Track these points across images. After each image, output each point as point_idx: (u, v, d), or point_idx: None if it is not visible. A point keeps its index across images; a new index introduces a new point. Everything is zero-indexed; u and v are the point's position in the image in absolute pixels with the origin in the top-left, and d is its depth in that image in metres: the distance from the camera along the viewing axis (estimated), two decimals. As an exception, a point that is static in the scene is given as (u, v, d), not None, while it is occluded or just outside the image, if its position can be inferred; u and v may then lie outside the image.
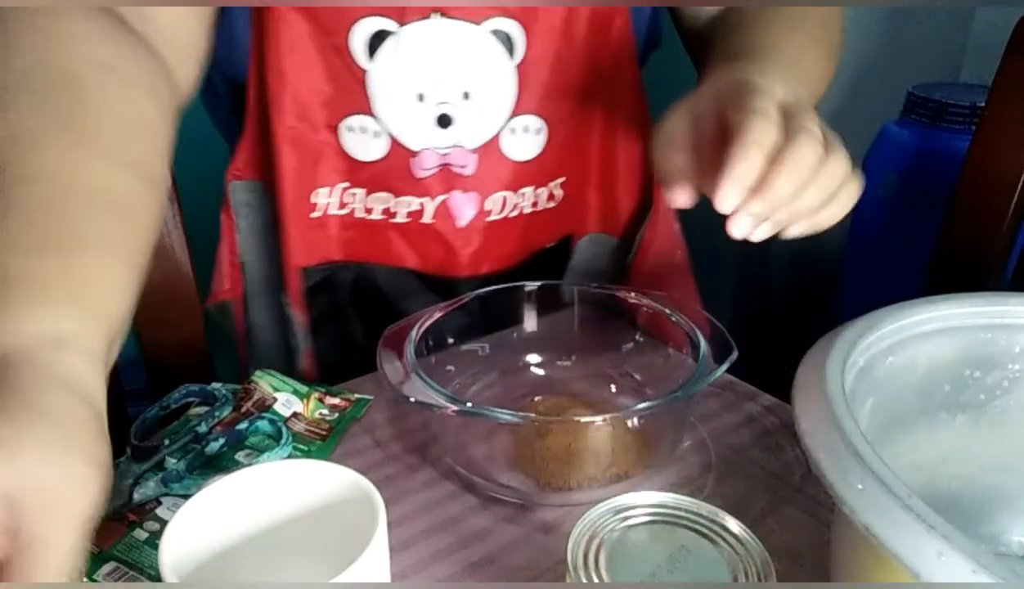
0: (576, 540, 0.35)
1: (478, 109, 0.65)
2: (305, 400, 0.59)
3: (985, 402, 0.46)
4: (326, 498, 0.39)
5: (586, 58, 0.66)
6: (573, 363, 0.65)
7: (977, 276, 0.81)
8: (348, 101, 0.63)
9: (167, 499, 0.49)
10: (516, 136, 0.67)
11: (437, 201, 0.67)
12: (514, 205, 0.70)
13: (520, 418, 0.50)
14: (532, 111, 0.66)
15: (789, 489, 0.53)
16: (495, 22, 0.62)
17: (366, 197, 0.68)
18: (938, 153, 1.40)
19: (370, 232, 0.70)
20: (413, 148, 0.65)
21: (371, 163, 0.66)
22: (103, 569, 0.44)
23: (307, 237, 0.68)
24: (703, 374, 0.52)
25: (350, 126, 0.64)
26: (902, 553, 0.28)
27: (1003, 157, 0.79)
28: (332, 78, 0.63)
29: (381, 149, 0.65)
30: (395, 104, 0.63)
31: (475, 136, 0.65)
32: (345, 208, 0.68)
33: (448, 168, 0.66)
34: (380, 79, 0.62)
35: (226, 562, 0.38)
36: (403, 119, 0.64)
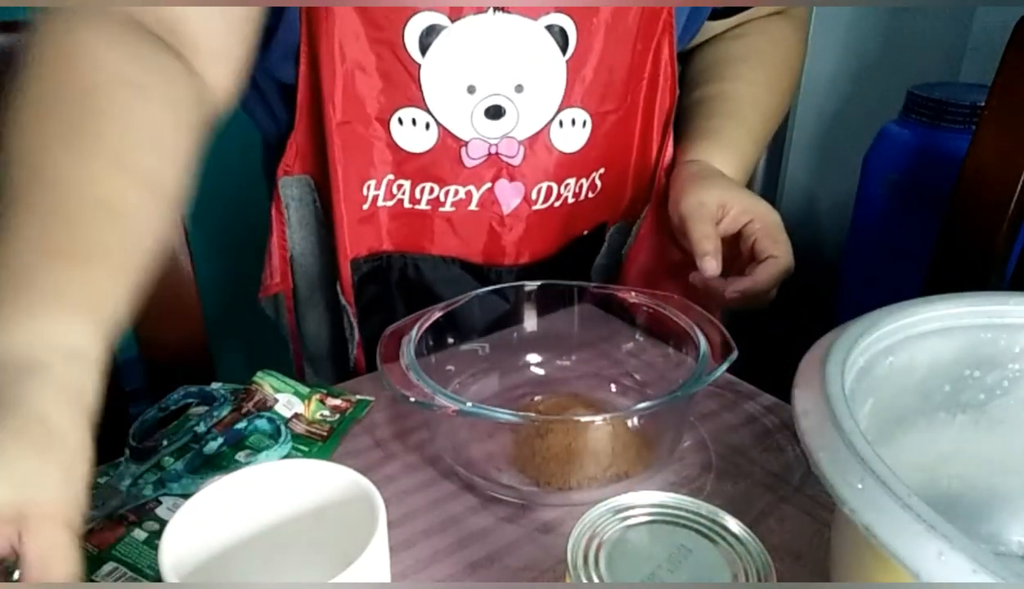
0: (576, 540, 0.35)
1: (530, 101, 0.67)
2: (306, 401, 0.59)
3: (985, 402, 0.46)
4: (326, 498, 0.39)
5: (632, 53, 0.69)
6: (573, 363, 0.65)
7: (977, 276, 0.81)
8: (400, 94, 0.65)
9: (167, 499, 0.49)
10: (563, 129, 0.69)
11: (484, 189, 0.70)
12: (558, 195, 0.72)
13: (520, 418, 0.50)
14: (579, 104, 0.69)
15: (789, 489, 0.53)
16: (550, 18, 0.64)
17: (413, 188, 0.70)
18: (938, 153, 1.40)
19: (418, 222, 0.72)
20: (463, 138, 0.67)
21: (420, 154, 0.68)
22: (103, 569, 0.44)
23: (358, 229, 0.70)
24: (703, 374, 0.52)
25: (401, 118, 0.66)
26: (902, 553, 0.28)
27: (1003, 157, 0.79)
28: (384, 73, 0.64)
29: (430, 140, 0.67)
30: (446, 96, 0.65)
31: (525, 127, 0.68)
32: (392, 199, 0.70)
33: (497, 157, 0.69)
34: (432, 72, 0.64)
35: (226, 562, 0.38)
36: (454, 110, 0.66)
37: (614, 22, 0.66)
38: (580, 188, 0.73)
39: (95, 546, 0.46)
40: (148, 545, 0.46)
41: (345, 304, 0.72)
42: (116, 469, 0.51)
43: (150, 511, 0.49)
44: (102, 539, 0.46)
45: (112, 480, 0.51)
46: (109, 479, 0.51)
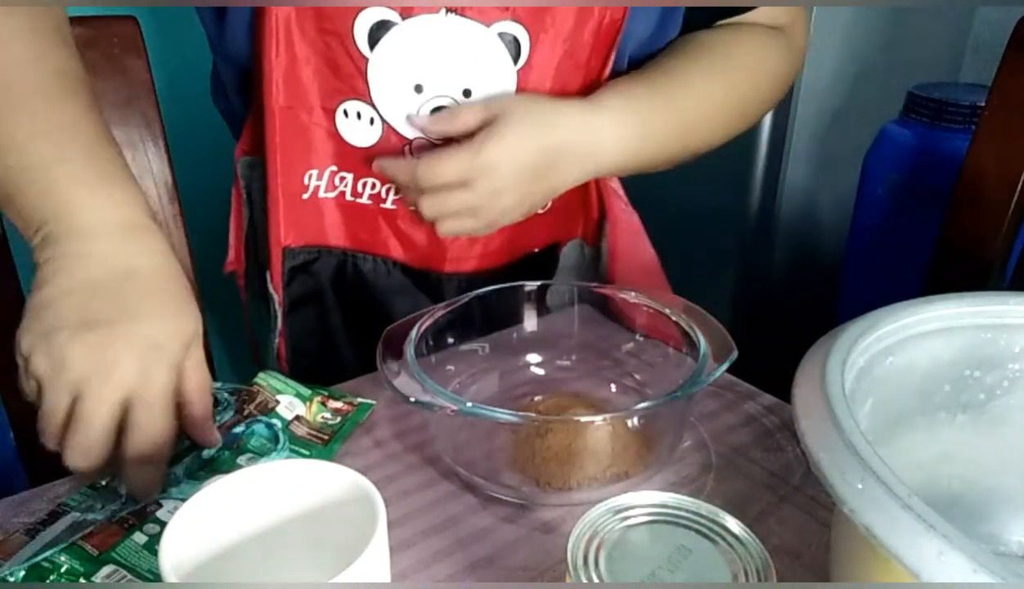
0: (576, 540, 0.35)
1: None
2: (308, 403, 0.59)
3: (985, 402, 0.46)
4: (326, 498, 0.39)
5: (587, 69, 0.67)
6: (573, 363, 0.65)
7: (977, 276, 0.81)
8: (346, 86, 0.65)
9: (167, 502, 0.49)
10: None
11: None
12: None
13: (520, 418, 0.50)
14: None
15: (789, 489, 0.53)
16: (503, 25, 0.63)
17: (355, 181, 0.69)
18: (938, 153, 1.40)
19: (360, 217, 0.71)
20: (407, 136, 0.66)
21: (363, 148, 0.67)
22: (102, 572, 0.44)
23: (296, 217, 0.69)
24: (703, 374, 0.52)
25: (346, 110, 0.66)
26: (902, 553, 0.28)
27: (1003, 157, 0.79)
28: (332, 63, 0.64)
29: (374, 135, 0.67)
30: (392, 93, 0.65)
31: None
32: (334, 191, 0.70)
33: None
34: (379, 68, 0.63)
35: (226, 562, 0.38)
36: (399, 108, 0.65)
37: (569, 35, 0.65)
38: None
39: (95, 548, 0.46)
40: (148, 549, 0.46)
41: (272, 293, 0.71)
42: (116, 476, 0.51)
43: (151, 514, 0.48)
44: (102, 541, 0.46)
45: (113, 482, 0.51)
46: (110, 482, 0.51)
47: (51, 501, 0.51)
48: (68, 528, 0.47)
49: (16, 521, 0.50)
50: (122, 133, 0.74)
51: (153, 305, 0.49)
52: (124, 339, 0.46)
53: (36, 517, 0.49)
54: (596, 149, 0.64)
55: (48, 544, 0.46)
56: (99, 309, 0.47)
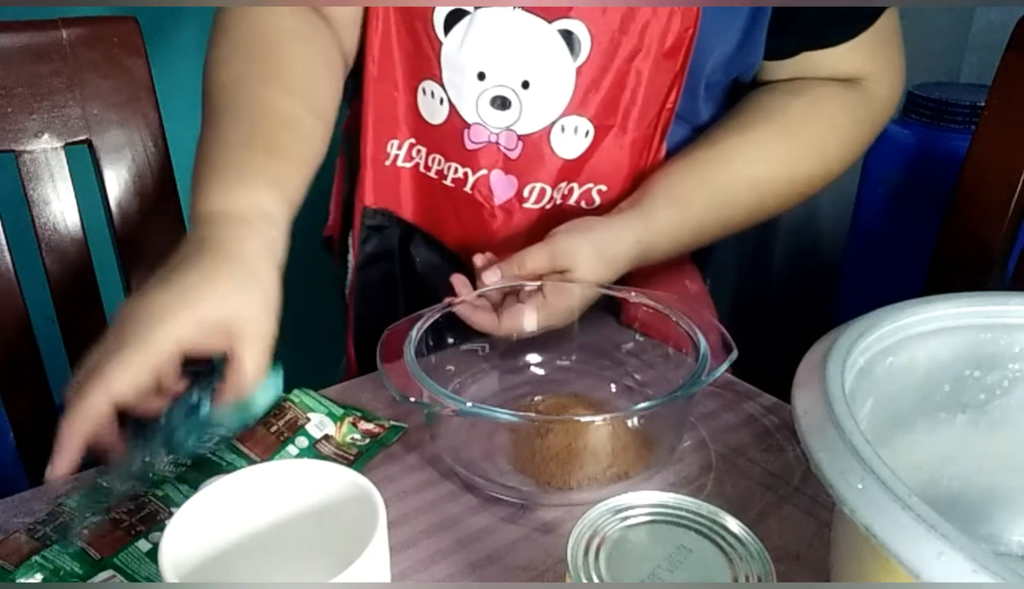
0: (576, 540, 0.35)
1: (535, 100, 0.68)
2: (339, 423, 0.58)
3: (985, 402, 0.46)
4: (326, 498, 0.39)
5: (650, 78, 0.67)
6: (573, 363, 0.65)
7: (977, 276, 0.81)
8: (424, 66, 0.70)
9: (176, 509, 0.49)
10: (565, 134, 0.69)
11: (479, 174, 0.72)
12: (550, 198, 0.72)
13: (520, 418, 0.50)
14: (585, 113, 0.68)
15: (789, 489, 0.53)
16: (565, 23, 0.65)
17: (427, 156, 0.74)
18: (938, 153, 1.40)
19: (428, 191, 0.75)
20: (468, 120, 0.70)
21: (435, 126, 0.72)
22: (99, 576, 0.44)
23: (378, 180, 0.75)
24: (703, 374, 0.52)
25: (424, 88, 0.71)
26: (902, 553, 0.28)
27: (1003, 157, 0.79)
28: (416, 43, 0.69)
29: (443, 115, 0.71)
30: (459, 77, 0.69)
31: (527, 124, 0.69)
32: (411, 162, 0.75)
33: (496, 147, 0.70)
34: (450, 52, 0.68)
35: (226, 562, 0.38)
36: (463, 92, 0.69)
37: (631, 41, 0.65)
38: (572, 194, 0.72)
39: (97, 551, 0.45)
40: (150, 557, 0.46)
41: (350, 247, 0.78)
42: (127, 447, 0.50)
43: (160, 522, 0.48)
44: (106, 544, 0.46)
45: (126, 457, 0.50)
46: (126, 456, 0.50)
47: (51, 501, 0.51)
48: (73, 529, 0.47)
49: (16, 521, 0.50)
50: (122, 133, 0.74)
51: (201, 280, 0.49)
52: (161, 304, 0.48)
53: (36, 517, 0.49)
54: (648, 257, 0.67)
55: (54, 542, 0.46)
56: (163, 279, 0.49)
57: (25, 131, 0.71)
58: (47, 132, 0.72)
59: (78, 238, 0.74)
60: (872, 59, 0.72)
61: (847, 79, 0.72)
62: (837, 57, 0.71)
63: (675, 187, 0.68)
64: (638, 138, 0.70)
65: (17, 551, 0.46)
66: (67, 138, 0.72)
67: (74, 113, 0.72)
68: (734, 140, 0.70)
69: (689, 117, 0.73)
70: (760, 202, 0.71)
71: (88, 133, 0.73)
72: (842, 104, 0.72)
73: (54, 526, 0.48)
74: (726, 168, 0.69)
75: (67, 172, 0.73)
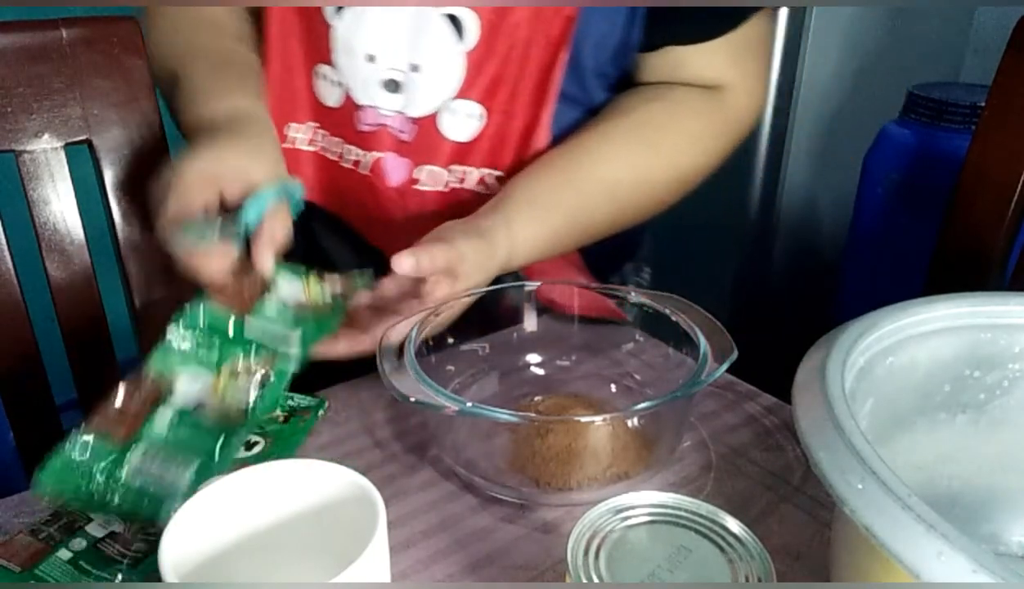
0: (576, 540, 0.35)
1: (424, 83, 0.69)
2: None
3: (985, 402, 0.46)
4: (326, 498, 0.39)
5: (530, 61, 0.68)
6: (573, 363, 0.65)
7: (977, 276, 0.81)
8: (318, 50, 0.71)
9: (97, 515, 0.48)
10: (456, 117, 0.70)
11: (374, 156, 0.72)
12: (444, 182, 0.73)
13: (520, 418, 0.50)
14: (474, 97, 0.69)
15: (789, 489, 0.53)
16: (451, 8, 0.66)
17: (328, 138, 0.75)
18: (938, 153, 1.40)
19: (330, 173, 0.76)
20: (360, 103, 0.71)
21: (332, 109, 0.73)
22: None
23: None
24: (703, 374, 0.52)
25: (318, 72, 0.72)
26: (902, 553, 0.28)
27: (1003, 157, 0.79)
28: (309, 27, 0.71)
29: (338, 97, 0.72)
30: (349, 60, 0.70)
31: (418, 107, 0.70)
32: (315, 145, 0.76)
33: (387, 130, 0.71)
34: (340, 35, 0.69)
35: (226, 562, 0.38)
36: (355, 75, 0.70)
37: (520, 24, 0.66)
38: (468, 179, 0.73)
39: (18, 564, 0.45)
40: (71, 564, 0.45)
41: None
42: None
43: (79, 528, 0.48)
44: (26, 557, 0.45)
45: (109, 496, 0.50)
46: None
47: (51, 501, 0.51)
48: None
49: (16, 521, 0.50)
50: (122, 133, 0.74)
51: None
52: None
53: (37, 517, 0.49)
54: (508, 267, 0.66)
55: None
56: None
57: (25, 131, 0.71)
58: (47, 132, 0.72)
59: (78, 238, 0.74)
60: (734, 66, 0.73)
61: (709, 87, 0.73)
62: (700, 59, 0.72)
63: (534, 196, 0.68)
64: (527, 123, 0.71)
65: (22, 552, 0.46)
66: (67, 138, 0.72)
67: (74, 113, 0.72)
68: (594, 150, 0.70)
69: (583, 100, 0.74)
70: (618, 208, 0.72)
71: (88, 133, 0.73)
72: (699, 112, 0.73)
73: (58, 526, 0.48)
74: (585, 177, 0.69)
75: (67, 172, 0.73)
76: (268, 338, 0.56)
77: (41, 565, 0.45)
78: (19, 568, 0.45)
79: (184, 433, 0.50)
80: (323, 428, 0.60)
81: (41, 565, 0.45)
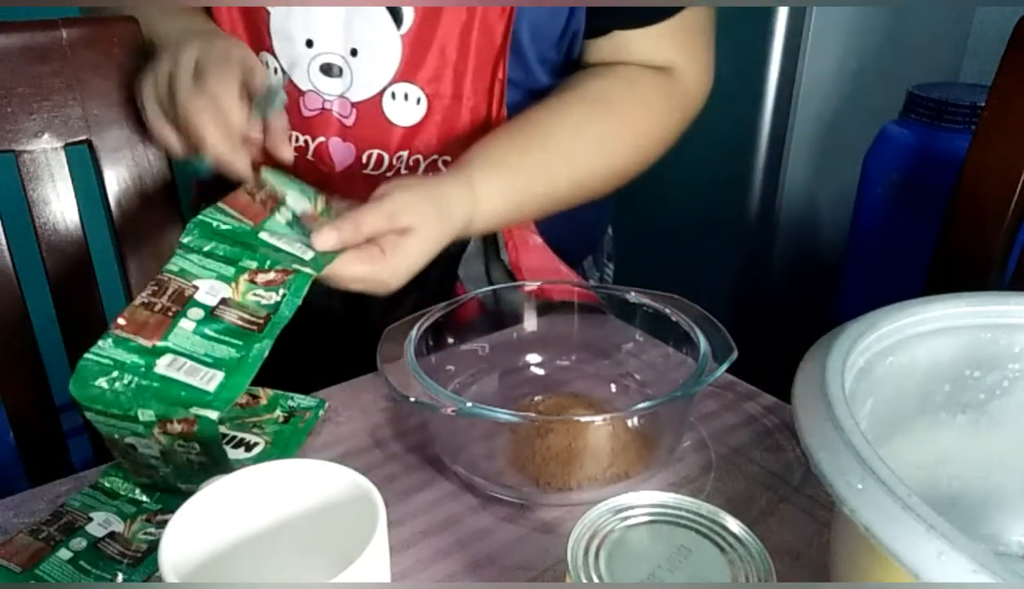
0: (576, 540, 0.35)
1: (363, 67, 0.70)
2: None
3: (985, 402, 0.46)
4: (326, 498, 0.39)
5: (472, 45, 0.69)
6: (573, 363, 0.65)
7: (977, 276, 0.81)
8: (259, 38, 0.72)
9: (98, 515, 0.49)
10: (397, 101, 0.71)
11: (318, 142, 0.73)
12: (390, 165, 0.74)
13: (520, 418, 0.50)
14: (414, 81, 0.70)
15: (789, 489, 0.53)
16: None
17: None
18: (938, 153, 1.40)
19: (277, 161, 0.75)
20: (301, 88, 0.72)
21: None
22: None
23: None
24: (703, 374, 0.52)
25: (262, 60, 0.72)
26: (902, 553, 0.28)
27: (1003, 157, 0.79)
28: (248, 16, 0.72)
29: (280, 84, 0.72)
30: (288, 46, 0.71)
31: (359, 91, 0.71)
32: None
33: (330, 114, 0.72)
34: (278, 22, 0.71)
35: (226, 562, 0.38)
36: (294, 60, 0.72)
37: (459, 9, 0.67)
38: (416, 165, 0.73)
39: (18, 564, 0.45)
40: (72, 564, 0.46)
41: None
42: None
43: (79, 528, 0.48)
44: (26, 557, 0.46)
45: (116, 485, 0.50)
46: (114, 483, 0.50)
47: (51, 501, 0.51)
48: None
49: (16, 521, 0.50)
50: (122, 133, 0.74)
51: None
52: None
53: (36, 517, 0.49)
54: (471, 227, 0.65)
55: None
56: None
57: (25, 131, 0.71)
58: (47, 132, 0.72)
59: (78, 238, 0.74)
60: (681, 50, 0.74)
61: (659, 68, 0.74)
62: (646, 42, 0.73)
63: (495, 158, 0.67)
64: (475, 106, 0.72)
65: (22, 551, 0.46)
66: (67, 138, 0.72)
67: (74, 113, 0.72)
68: (551, 119, 0.70)
69: (528, 85, 0.74)
70: (579, 175, 0.71)
71: (88, 133, 0.73)
72: (654, 87, 0.73)
73: (58, 526, 0.48)
74: (544, 144, 0.69)
75: (67, 172, 0.73)
76: (282, 246, 0.56)
77: (42, 565, 0.45)
78: (20, 568, 0.45)
79: (210, 334, 0.50)
80: (323, 428, 0.60)
81: (42, 565, 0.45)
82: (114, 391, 0.46)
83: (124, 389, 0.46)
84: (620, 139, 0.73)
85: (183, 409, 0.46)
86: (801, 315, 1.70)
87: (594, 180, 0.73)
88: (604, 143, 0.72)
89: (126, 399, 0.46)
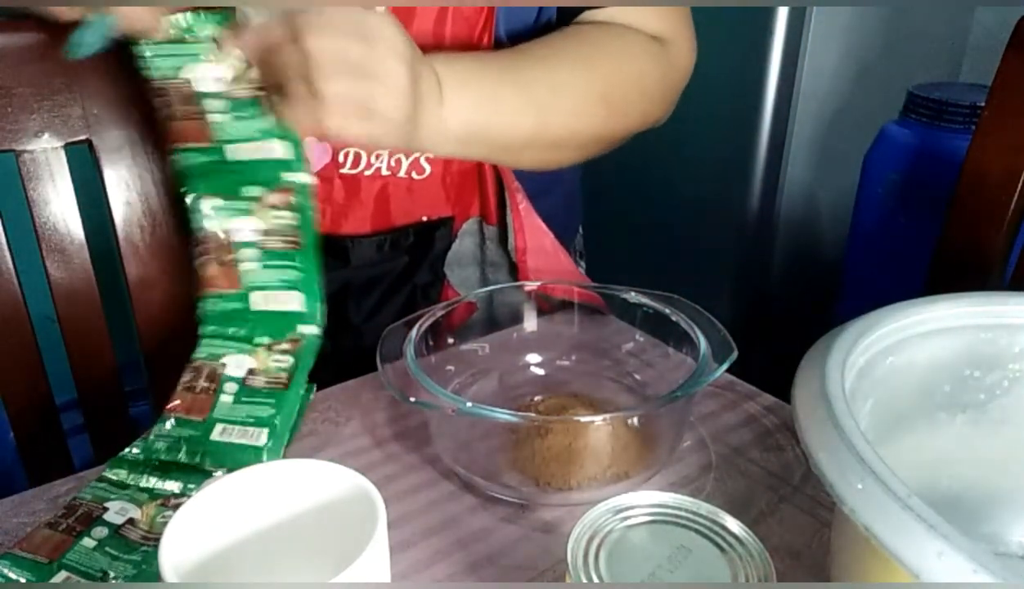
0: (576, 540, 0.35)
1: None
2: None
3: (985, 402, 0.46)
4: (326, 498, 0.39)
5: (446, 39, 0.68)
6: (573, 363, 0.65)
7: (977, 276, 0.81)
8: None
9: (113, 504, 0.49)
10: None
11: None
12: (368, 163, 0.72)
13: (520, 418, 0.50)
14: None
15: (789, 489, 0.53)
16: None
17: None
18: (938, 153, 1.40)
19: None
20: None
21: None
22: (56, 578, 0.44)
23: None
24: (703, 374, 0.52)
25: None
26: (902, 553, 0.28)
27: (1003, 157, 0.79)
28: None
29: None
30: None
31: None
32: None
33: None
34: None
35: (226, 562, 0.38)
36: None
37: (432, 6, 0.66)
38: (397, 164, 0.72)
39: (46, 556, 0.45)
40: (99, 551, 0.46)
41: None
42: None
43: (97, 517, 0.48)
44: (51, 548, 0.46)
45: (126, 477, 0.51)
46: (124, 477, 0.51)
47: (51, 501, 0.51)
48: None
49: (16, 521, 0.50)
50: (122, 133, 0.74)
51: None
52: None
53: (37, 517, 0.49)
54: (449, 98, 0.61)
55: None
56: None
57: (25, 131, 0.71)
58: (47, 132, 0.71)
59: (78, 238, 0.74)
60: (666, 21, 0.74)
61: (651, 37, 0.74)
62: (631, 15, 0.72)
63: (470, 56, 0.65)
64: None
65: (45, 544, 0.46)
66: (67, 138, 0.72)
67: (74, 113, 0.72)
68: (536, 46, 0.68)
69: None
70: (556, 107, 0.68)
71: (88, 133, 0.73)
72: (645, 48, 0.72)
73: (75, 518, 0.48)
74: (524, 61, 0.67)
75: (67, 172, 0.73)
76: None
77: (68, 554, 0.45)
78: (47, 559, 0.45)
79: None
80: (323, 428, 0.60)
81: (68, 554, 0.45)
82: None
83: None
84: (608, 74, 0.70)
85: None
86: (801, 315, 1.70)
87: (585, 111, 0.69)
88: (593, 74, 0.69)
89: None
